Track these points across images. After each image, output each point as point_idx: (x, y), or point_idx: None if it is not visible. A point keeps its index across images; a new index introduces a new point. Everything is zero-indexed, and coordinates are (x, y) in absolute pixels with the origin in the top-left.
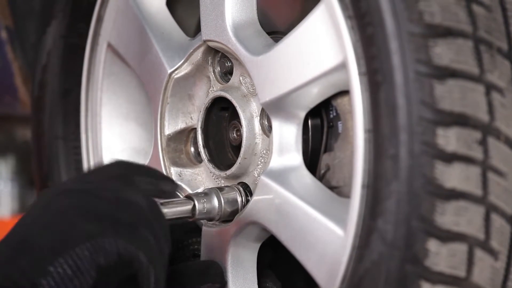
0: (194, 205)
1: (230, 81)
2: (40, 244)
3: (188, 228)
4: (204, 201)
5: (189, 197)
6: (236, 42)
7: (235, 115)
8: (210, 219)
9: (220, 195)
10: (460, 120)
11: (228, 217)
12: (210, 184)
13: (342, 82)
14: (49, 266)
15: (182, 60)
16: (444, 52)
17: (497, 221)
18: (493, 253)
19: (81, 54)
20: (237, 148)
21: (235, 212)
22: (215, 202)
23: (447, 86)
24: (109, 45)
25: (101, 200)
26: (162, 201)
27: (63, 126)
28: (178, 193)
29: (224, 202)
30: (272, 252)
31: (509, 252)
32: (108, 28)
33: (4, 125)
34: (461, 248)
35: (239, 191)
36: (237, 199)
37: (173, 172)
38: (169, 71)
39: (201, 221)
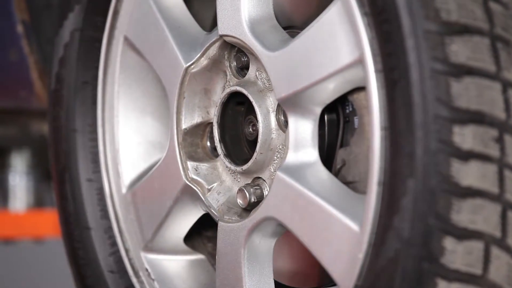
0: None
1: (246, 76)
2: None
3: None
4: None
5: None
6: (252, 37)
7: (251, 110)
8: None
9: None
10: (476, 117)
11: (246, 212)
12: (226, 179)
13: (358, 79)
14: None
15: (199, 55)
16: (460, 50)
17: None
18: (509, 250)
19: (98, 48)
20: (253, 143)
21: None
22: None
23: (463, 84)
24: (126, 39)
25: None
26: None
27: (80, 119)
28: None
29: None
30: None
31: None
32: (125, 21)
33: (19, 119)
34: (477, 246)
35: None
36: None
37: (190, 166)
38: (186, 65)
39: (217, 216)
